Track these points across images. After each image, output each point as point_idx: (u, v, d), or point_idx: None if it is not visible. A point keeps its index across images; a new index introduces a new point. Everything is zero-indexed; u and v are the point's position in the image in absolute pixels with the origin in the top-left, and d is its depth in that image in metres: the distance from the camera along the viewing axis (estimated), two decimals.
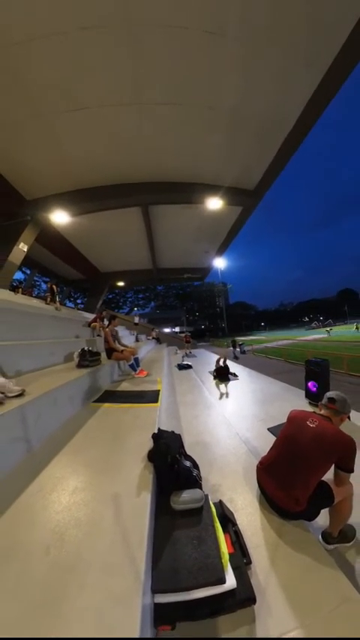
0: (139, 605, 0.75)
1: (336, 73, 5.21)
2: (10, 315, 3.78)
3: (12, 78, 5.01)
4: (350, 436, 1.42)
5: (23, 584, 0.81)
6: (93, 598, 0.76)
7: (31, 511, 1.13)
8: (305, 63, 5.08)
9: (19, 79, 5.05)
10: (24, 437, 1.61)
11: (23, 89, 5.28)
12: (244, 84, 5.50)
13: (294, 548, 1.27)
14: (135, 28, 4.43)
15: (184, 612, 0.95)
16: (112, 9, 4.12)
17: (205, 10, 4.22)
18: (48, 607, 0.74)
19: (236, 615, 0.99)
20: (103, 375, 3.56)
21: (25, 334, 3.59)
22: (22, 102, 5.56)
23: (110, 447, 1.76)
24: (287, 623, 0.95)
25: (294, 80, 5.43)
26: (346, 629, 0.92)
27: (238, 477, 1.90)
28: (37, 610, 0.73)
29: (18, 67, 4.83)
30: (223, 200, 9.09)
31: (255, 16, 4.29)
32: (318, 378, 4.45)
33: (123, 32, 4.48)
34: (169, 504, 1.36)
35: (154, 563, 1.03)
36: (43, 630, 0.69)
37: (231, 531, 1.31)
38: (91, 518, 1.09)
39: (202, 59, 4.97)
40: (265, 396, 5.04)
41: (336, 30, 4.52)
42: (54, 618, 0.71)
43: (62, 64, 4.89)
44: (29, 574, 0.84)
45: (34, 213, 9.02)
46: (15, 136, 6.41)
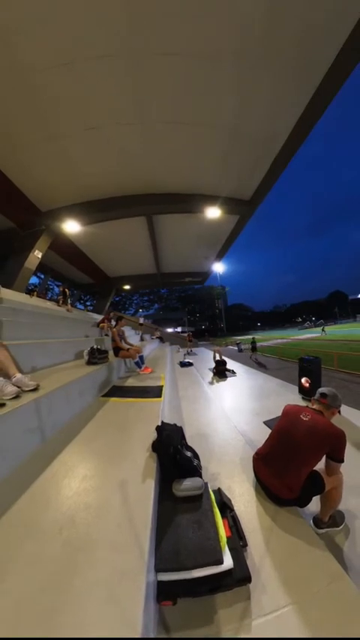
0: (143, 581, 0.76)
1: (324, 94, 5.31)
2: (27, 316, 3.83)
3: (30, 103, 5.19)
4: (341, 428, 1.43)
5: (39, 560, 0.83)
6: (102, 574, 0.77)
7: (45, 495, 1.15)
8: (295, 85, 5.19)
9: (37, 103, 5.23)
10: (38, 427, 1.62)
11: (40, 112, 5.44)
12: (239, 104, 5.60)
13: (287, 533, 1.27)
14: (139, 56, 4.56)
15: (185, 589, 0.96)
16: (118, 42, 4.29)
17: (202, 39, 4.32)
18: (62, 580, 0.75)
19: (233, 593, 1.00)
20: (110, 371, 3.56)
21: (39, 334, 3.62)
22: (38, 124, 5.72)
23: (117, 438, 1.77)
24: (280, 600, 0.96)
25: (285, 100, 5.54)
26: (335, 606, 0.92)
27: (235, 466, 1.90)
28: (52, 582, 0.75)
29: (35, 93, 5.00)
30: (221, 209, 9.13)
31: (248, 43, 4.38)
32: (311, 374, 4.42)
33: (128, 61, 4.61)
34: (171, 491, 1.36)
35: (158, 545, 1.04)
36: (58, 600, 0.70)
37: (228, 516, 1.31)
38: (100, 502, 1.09)
39: (200, 82, 5.08)
40: (261, 392, 5.02)
41: (323, 55, 4.60)
42: (67, 590, 0.72)
43: (74, 89, 5.04)
44: (45, 551, 0.86)
45: (48, 223, 9.13)
46: (31, 154, 6.57)
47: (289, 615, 0.91)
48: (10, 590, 0.72)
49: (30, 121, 5.59)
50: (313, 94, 5.28)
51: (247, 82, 5.10)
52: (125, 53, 4.48)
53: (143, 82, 5.03)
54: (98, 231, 10.34)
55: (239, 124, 6.11)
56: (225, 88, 5.21)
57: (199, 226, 10.85)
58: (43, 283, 18.01)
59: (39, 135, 5.99)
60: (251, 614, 0.93)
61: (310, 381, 4.38)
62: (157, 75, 4.89)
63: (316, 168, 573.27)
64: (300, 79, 5.05)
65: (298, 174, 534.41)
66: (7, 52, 4.26)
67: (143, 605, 0.69)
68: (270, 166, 7.59)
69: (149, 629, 0.76)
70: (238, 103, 5.54)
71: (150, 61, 4.63)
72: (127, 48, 4.40)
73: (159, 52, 4.50)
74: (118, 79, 4.93)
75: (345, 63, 4.67)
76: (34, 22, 3.93)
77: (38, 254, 9.49)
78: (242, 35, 4.27)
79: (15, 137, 6.00)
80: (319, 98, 5.38)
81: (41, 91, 4.98)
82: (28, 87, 4.87)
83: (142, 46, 4.38)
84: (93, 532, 0.93)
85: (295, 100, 5.53)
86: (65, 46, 4.29)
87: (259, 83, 5.12)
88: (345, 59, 4.61)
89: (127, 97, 5.31)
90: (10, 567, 0.79)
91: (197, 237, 12.40)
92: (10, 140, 6.07)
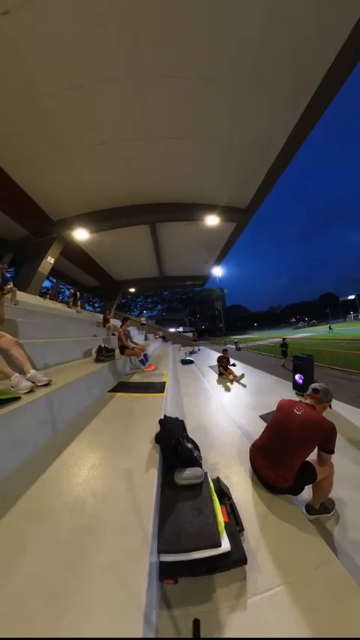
0: (147, 561, 0.77)
1: (314, 110, 5.38)
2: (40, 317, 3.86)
3: (43, 121, 5.29)
4: (332, 422, 1.43)
5: (52, 541, 0.84)
6: (109, 554, 0.78)
7: (56, 482, 1.16)
8: (287, 102, 5.25)
9: (49, 122, 5.32)
10: (51, 420, 1.63)
11: (51, 129, 5.53)
12: (235, 120, 5.66)
13: (281, 519, 1.27)
14: (142, 79, 4.65)
15: (185, 569, 0.96)
16: (124, 67, 4.40)
17: (199, 62, 4.42)
18: (72, 559, 0.76)
19: (230, 573, 1.00)
20: (116, 368, 3.57)
21: (51, 333, 3.64)
22: (50, 140, 5.80)
23: (123, 430, 1.77)
24: (274, 580, 0.96)
25: (277, 116, 5.58)
26: (324, 586, 0.93)
27: (233, 457, 1.89)
28: (64, 561, 0.76)
29: (48, 112, 5.09)
30: (219, 217, 9.16)
31: (242, 64, 4.46)
32: (304, 371, 4.40)
33: (133, 83, 4.71)
34: (173, 480, 1.36)
35: (160, 529, 1.04)
36: (69, 577, 0.70)
37: (226, 504, 1.31)
38: (107, 489, 1.10)
39: (198, 101, 5.15)
40: (258, 387, 5.00)
41: (313, 74, 4.65)
42: (77, 569, 0.73)
43: (83, 109, 5.13)
44: (57, 532, 0.87)
45: (60, 232, 9.23)
46: (44, 168, 6.67)
47: (282, 594, 0.91)
48: (25, 568, 0.73)
49: (43, 138, 5.69)
50: (304, 110, 5.33)
51: (242, 100, 5.16)
52: (131, 76, 4.57)
53: (146, 102, 5.11)
54: (105, 238, 10.40)
55: (235, 138, 6.17)
56: (221, 106, 5.27)
57: (199, 233, 10.86)
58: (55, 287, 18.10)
59: (51, 150, 6.10)
60: (247, 592, 0.93)
61: (303, 378, 4.36)
62: (159, 95, 4.97)
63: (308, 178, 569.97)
64: (291, 96, 5.11)
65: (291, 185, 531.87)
66: (23, 78, 4.39)
67: (147, 583, 0.70)
68: (265, 177, 7.62)
69: (152, 605, 0.76)
70: (233, 118, 5.61)
71: (152, 83, 4.73)
72: (132, 72, 4.50)
73: (160, 75, 4.61)
74: (123, 100, 5.02)
75: (334, 81, 4.73)
76: (51, 50, 4.06)
77: (50, 260, 9.59)
78: (237, 58, 4.35)
79: (29, 152, 6.11)
80: (309, 114, 5.43)
81: (53, 111, 5.08)
82: (41, 108, 4.97)
83: (145, 70, 4.48)
84: (101, 516, 0.94)
85: (286, 116, 5.59)
86: (76, 71, 4.40)
87: (252, 101, 5.18)
88: (334, 77, 4.66)
89: (131, 115, 5.40)
90: (26, 547, 0.81)
91: (197, 243, 12.42)
92: (25, 155, 6.17)
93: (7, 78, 4.36)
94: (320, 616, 0.84)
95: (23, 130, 5.44)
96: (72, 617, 0.61)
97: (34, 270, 9.25)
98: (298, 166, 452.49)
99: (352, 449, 2.28)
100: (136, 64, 4.36)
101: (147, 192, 8.24)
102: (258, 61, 4.37)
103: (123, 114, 5.35)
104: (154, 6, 3.62)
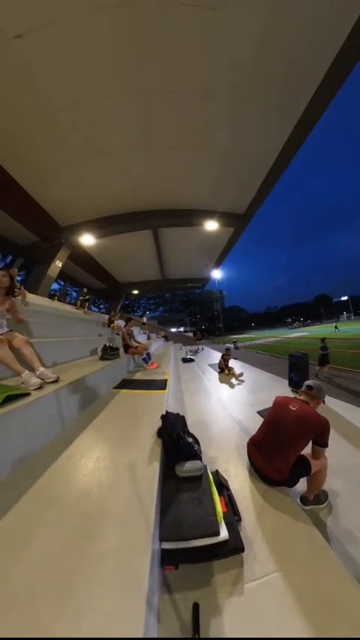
0: (149, 548, 0.77)
1: (306, 122, 5.52)
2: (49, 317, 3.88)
3: (54, 135, 5.39)
4: (325, 417, 1.42)
5: (60, 527, 0.84)
6: (113, 541, 0.78)
7: (64, 472, 1.16)
8: (280, 116, 5.34)
9: (58, 136, 5.42)
10: (59, 415, 1.64)
11: (60, 143, 5.63)
12: (232, 131, 5.73)
13: (276, 509, 1.27)
14: (146, 94, 4.73)
15: (186, 556, 0.97)
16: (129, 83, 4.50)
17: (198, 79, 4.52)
18: (79, 544, 0.77)
19: (228, 560, 1.00)
20: (121, 366, 3.57)
21: (59, 333, 3.66)
22: (59, 152, 5.91)
23: (127, 425, 1.77)
24: (269, 567, 0.96)
25: (271, 128, 5.68)
26: (317, 572, 0.93)
27: (231, 451, 1.89)
28: (70, 547, 0.76)
29: (59, 127, 5.21)
30: (218, 223, 9.17)
31: (238, 81, 4.55)
32: (299, 369, 4.39)
33: (138, 98, 4.80)
34: (174, 472, 1.36)
35: (162, 518, 1.05)
36: (75, 561, 0.71)
37: (225, 495, 1.30)
38: (112, 480, 1.10)
39: (197, 114, 5.24)
40: (255, 385, 4.98)
41: (303, 89, 4.73)
42: (83, 553, 0.74)
43: (90, 123, 5.22)
44: (64, 520, 0.87)
45: (67, 237, 9.30)
46: (53, 178, 6.77)
47: (277, 580, 0.91)
48: (35, 552, 0.74)
49: (52, 151, 5.80)
50: (296, 122, 5.44)
51: (239, 114, 5.25)
52: (136, 92, 4.67)
53: (149, 116, 5.19)
54: (110, 242, 10.46)
55: (233, 148, 6.24)
56: (219, 119, 5.35)
57: (199, 237, 10.89)
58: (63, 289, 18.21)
59: (59, 161, 6.20)
60: (244, 578, 0.94)
61: (298, 375, 4.34)
62: (161, 109, 5.05)
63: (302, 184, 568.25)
64: (284, 110, 5.21)
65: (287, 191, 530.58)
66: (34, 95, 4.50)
67: (149, 569, 0.70)
68: (261, 184, 7.66)
69: (154, 589, 0.77)
70: (231, 130, 5.69)
71: (156, 98, 4.81)
72: (136, 87, 4.59)
73: (162, 91, 4.69)
74: (128, 114, 5.10)
75: (323, 97, 4.84)
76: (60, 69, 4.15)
77: (59, 263, 9.67)
78: (234, 76, 4.44)
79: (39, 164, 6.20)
80: (301, 127, 5.54)
81: (61, 125, 5.18)
82: (51, 123, 5.07)
83: (148, 86, 4.57)
84: (106, 505, 0.94)
85: (280, 128, 5.69)
86: (84, 88, 4.50)
87: (248, 115, 5.28)
88: (323, 94, 4.77)
89: (134, 128, 5.48)
90: (35, 532, 0.81)
91: (197, 247, 12.43)
92: (35, 166, 6.27)
93: (19, 96, 4.47)
94: (313, 600, 0.84)
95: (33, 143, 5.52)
96: (79, 598, 0.61)
97: (44, 273, 9.33)
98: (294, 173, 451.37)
99: (345, 443, 2.27)
100: (141, 81, 4.45)
101: (149, 200, 8.29)
102: (253, 78, 4.49)
103: (128, 127, 5.43)
104: (158, 30, 3.72)
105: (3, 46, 3.61)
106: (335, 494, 1.61)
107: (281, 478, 1.42)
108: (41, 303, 6.32)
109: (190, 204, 8.66)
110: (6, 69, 3.97)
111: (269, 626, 0.79)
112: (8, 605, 0.60)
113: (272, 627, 0.79)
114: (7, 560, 0.72)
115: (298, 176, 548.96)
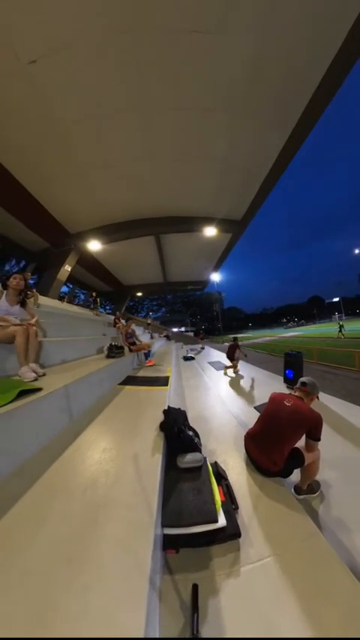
0: (152, 534, 0.77)
1: (298, 134, 5.56)
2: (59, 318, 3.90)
3: (65, 148, 5.48)
4: (318, 412, 1.42)
5: (69, 513, 0.85)
6: (118, 527, 0.79)
7: (72, 463, 1.17)
8: (274, 129, 5.41)
9: (71, 148, 5.51)
10: (67, 409, 1.65)
11: (69, 155, 5.71)
12: (229, 143, 5.78)
13: (271, 498, 1.27)
14: (149, 111, 4.84)
15: (186, 541, 0.97)
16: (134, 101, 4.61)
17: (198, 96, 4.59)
18: (86, 530, 0.78)
19: (226, 545, 1.00)
20: (125, 364, 3.57)
21: (68, 332, 3.68)
22: (68, 164, 5.98)
23: (131, 419, 1.78)
24: (264, 552, 0.96)
25: (266, 140, 5.72)
26: (309, 557, 0.93)
27: (229, 444, 1.89)
28: (78, 532, 0.77)
29: (69, 140, 5.30)
30: (217, 229, 9.18)
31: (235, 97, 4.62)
32: (294, 366, 4.36)
33: (141, 114, 4.91)
34: (175, 463, 1.36)
35: (164, 505, 1.05)
36: (83, 546, 0.72)
37: (223, 485, 1.31)
38: (117, 470, 1.11)
39: (197, 128, 5.31)
40: (252, 381, 4.97)
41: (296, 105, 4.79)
42: (90, 538, 0.75)
43: (98, 137, 5.31)
44: (72, 507, 0.88)
45: (76, 243, 9.41)
46: (63, 188, 6.89)
47: (271, 563, 0.91)
48: (46, 535, 0.75)
49: (61, 162, 5.88)
50: (288, 137, 5.51)
51: (236, 128, 5.32)
52: (139, 109, 4.76)
53: (153, 130, 5.28)
54: (115, 248, 10.52)
55: (230, 159, 6.30)
56: (217, 132, 5.43)
57: (198, 243, 10.91)
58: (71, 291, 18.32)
59: (68, 172, 6.30)
60: (240, 562, 0.94)
61: (293, 372, 4.32)
62: (162, 124, 5.14)
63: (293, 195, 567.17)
64: (278, 124, 5.27)
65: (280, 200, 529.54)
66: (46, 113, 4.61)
67: (151, 553, 0.71)
68: (257, 192, 7.69)
69: (156, 570, 0.78)
70: (228, 143, 5.75)
71: (157, 114, 4.91)
72: (140, 105, 4.68)
73: (164, 107, 4.78)
74: (132, 128, 5.19)
75: (315, 110, 4.88)
76: (70, 89, 4.24)
77: (68, 268, 9.76)
78: (230, 91, 4.50)
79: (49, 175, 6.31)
80: (293, 140, 5.60)
81: (73, 144, 5.31)
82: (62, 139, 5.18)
83: (150, 103, 4.67)
84: (111, 494, 0.95)
85: (274, 141, 5.74)
86: (92, 105, 4.59)
87: (244, 128, 5.35)
88: (315, 107, 4.82)
89: (139, 141, 5.56)
90: (47, 517, 0.83)
91: (197, 252, 12.45)
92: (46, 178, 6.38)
93: (32, 113, 4.58)
94: (305, 582, 0.84)
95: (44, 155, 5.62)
96: (86, 579, 0.62)
97: (54, 277, 9.42)
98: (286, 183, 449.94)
99: (337, 436, 2.26)
100: (145, 98, 4.55)
101: (152, 208, 8.38)
102: (249, 92, 4.53)
103: (132, 140, 5.51)
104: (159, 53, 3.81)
105: (19, 71, 3.76)
106: (327, 485, 1.61)
107: (276, 469, 1.42)
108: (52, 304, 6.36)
109: (191, 211, 8.70)
110: (21, 91, 4.10)
111: (263, 605, 0.80)
112: (23, 580, 0.62)
113: (266, 607, 0.79)
114: (22, 541, 0.73)
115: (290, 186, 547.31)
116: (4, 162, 5.61)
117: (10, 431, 1.13)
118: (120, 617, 0.54)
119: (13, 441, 1.14)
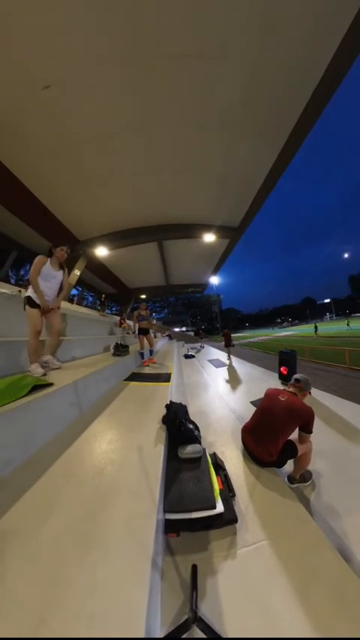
0: (154, 518, 0.78)
1: (289, 149, 5.63)
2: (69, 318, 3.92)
3: (75, 165, 5.62)
4: (311, 407, 1.43)
5: (78, 498, 0.86)
6: (123, 512, 0.80)
7: (81, 452, 1.18)
8: (267, 143, 5.50)
9: (80, 165, 5.65)
10: (77, 403, 1.66)
11: (81, 170, 5.85)
12: (226, 157, 5.87)
13: (266, 487, 1.27)
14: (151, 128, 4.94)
15: (186, 526, 0.98)
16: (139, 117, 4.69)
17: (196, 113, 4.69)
18: (94, 514, 0.79)
19: (223, 530, 1.01)
20: (130, 361, 3.58)
21: (78, 332, 3.70)
22: (79, 178, 6.12)
23: (135, 412, 1.78)
24: (259, 536, 0.97)
25: (260, 152, 5.80)
26: (301, 541, 0.93)
27: (227, 436, 1.89)
28: (87, 516, 0.78)
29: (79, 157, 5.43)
30: (215, 235, 9.22)
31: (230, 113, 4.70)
32: (288, 364, 4.34)
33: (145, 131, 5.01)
34: (177, 454, 1.36)
35: (166, 493, 1.05)
36: (91, 528, 0.73)
37: (221, 474, 1.31)
38: (122, 460, 1.11)
39: (196, 143, 5.40)
40: (249, 378, 4.95)
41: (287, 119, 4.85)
42: (98, 522, 0.76)
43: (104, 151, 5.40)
44: (81, 493, 0.89)
45: (85, 249, 9.50)
46: (72, 199, 7.00)
47: (266, 546, 0.92)
48: (58, 518, 0.77)
49: (72, 177, 6.01)
50: (280, 149, 5.59)
51: (231, 142, 5.41)
52: (143, 126, 4.85)
53: (155, 146, 5.38)
54: (121, 253, 10.60)
55: (227, 171, 6.39)
56: (214, 147, 5.51)
57: (198, 248, 10.94)
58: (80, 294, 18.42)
59: (78, 186, 6.47)
60: (237, 545, 0.95)
61: (287, 369, 4.31)
62: (165, 140, 5.24)
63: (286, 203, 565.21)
64: (270, 139, 5.36)
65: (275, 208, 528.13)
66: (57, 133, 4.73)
67: (154, 536, 0.72)
68: (252, 200, 7.74)
69: (158, 552, 0.79)
70: (224, 156, 5.84)
71: (158, 130, 5.00)
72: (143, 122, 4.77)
73: (165, 125, 4.88)
74: (136, 144, 5.29)
75: (305, 124, 4.95)
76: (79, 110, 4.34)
77: (77, 272, 9.86)
78: (225, 111, 4.60)
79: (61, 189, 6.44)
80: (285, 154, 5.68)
81: (80, 156, 5.39)
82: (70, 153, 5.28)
83: (153, 121, 4.76)
84: (117, 481, 0.95)
85: (267, 154, 5.82)
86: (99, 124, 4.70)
87: (239, 142, 5.43)
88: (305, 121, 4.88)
89: (142, 156, 5.65)
90: (58, 502, 0.84)
91: (197, 257, 12.49)
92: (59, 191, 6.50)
93: (43, 132, 4.69)
94: (296, 564, 0.84)
95: (58, 172, 5.73)
96: (94, 557, 0.64)
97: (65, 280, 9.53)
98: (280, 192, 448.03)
99: (328, 429, 2.25)
100: (147, 117, 4.65)
101: (155, 216, 8.45)
102: (242, 112, 4.65)
103: (136, 155, 5.62)
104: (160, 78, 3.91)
105: (34, 95, 3.88)
106: (318, 474, 1.60)
107: (271, 460, 1.42)
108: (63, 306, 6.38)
109: (191, 219, 8.77)
110: (35, 113, 4.23)
111: (257, 585, 0.80)
112: (37, 556, 0.63)
113: (260, 586, 0.80)
114: (36, 522, 0.75)
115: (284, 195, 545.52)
116: (22, 179, 5.81)
117: (26, 422, 1.14)
118: (125, 592, 0.55)
119: (30, 431, 1.16)
